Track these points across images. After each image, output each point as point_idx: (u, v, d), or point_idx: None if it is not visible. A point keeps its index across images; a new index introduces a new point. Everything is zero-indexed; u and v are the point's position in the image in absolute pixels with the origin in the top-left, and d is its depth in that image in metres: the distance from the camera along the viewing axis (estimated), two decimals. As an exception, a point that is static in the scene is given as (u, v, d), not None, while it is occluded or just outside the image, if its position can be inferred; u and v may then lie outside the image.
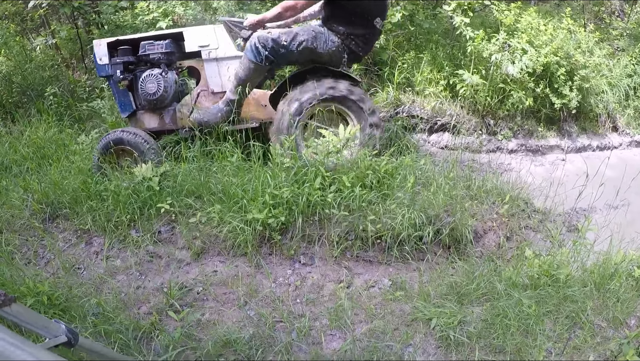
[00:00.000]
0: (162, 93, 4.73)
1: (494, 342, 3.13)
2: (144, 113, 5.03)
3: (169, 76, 4.77)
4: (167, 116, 4.97)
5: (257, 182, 4.07)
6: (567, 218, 5.03)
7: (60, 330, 1.34)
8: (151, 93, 4.72)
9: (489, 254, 4.06)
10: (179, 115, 4.93)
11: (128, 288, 3.73)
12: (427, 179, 4.42)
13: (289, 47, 4.47)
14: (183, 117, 4.91)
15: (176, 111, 4.94)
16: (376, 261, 4.01)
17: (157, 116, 5.00)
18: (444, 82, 6.42)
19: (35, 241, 4.32)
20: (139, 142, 4.68)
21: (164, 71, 4.75)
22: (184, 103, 4.95)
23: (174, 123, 4.97)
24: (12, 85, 7.27)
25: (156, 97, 4.74)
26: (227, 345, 3.13)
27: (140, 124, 5.04)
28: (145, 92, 4.73)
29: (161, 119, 5.00)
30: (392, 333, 3.21)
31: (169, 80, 4.77)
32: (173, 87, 4.83)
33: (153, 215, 4.27)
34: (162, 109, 4.94)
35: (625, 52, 8.57)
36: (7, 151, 5.58)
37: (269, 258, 3.98)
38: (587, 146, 7.33)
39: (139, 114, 5.05)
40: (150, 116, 5.02)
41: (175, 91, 4.90)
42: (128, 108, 5.00)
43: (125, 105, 5.00)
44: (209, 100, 4.96)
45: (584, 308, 3.37)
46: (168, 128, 5.00)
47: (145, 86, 4.71)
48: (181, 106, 4.94)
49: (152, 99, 4.75)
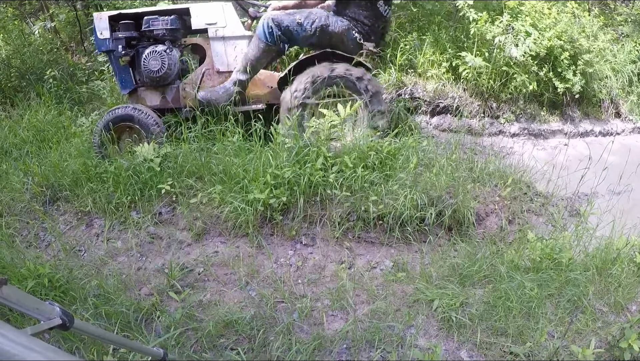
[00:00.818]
0: (165, 71, 4.65)
1: (496, 324, 3.12)
2: (145, 90, 4.95)
3: (173, 53, 4.69)
4: (170, 94, 4.89)
5: (258, 162, 4.04)
6: (570, 203, 5.01)
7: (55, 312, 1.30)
8: (154, 70, 4.64)
9: (490, 236, 4.04)
10: (182, 94, 4.85)
11: (129, 269, 3.72)
12: (429, 160, 4.40)
13: (304, 25, 4.43)
14: (186, 96, 4.83)
15: (179, 89, 4.86)
16: (378, 242, 3.99)
17: (158, 93, 4.92)
18: (446, 64, 6.35)
19: (35, 224, 4.30)
20: (150, 123, 4.64)
21: (169, 47, 4.67)
22: (187, 82, 4.87)
23: (177, 102, 4.90)
24: (10, 69, 7.21)
25: (160, 75, 4.67)
26: (228, 326, 3.12)
27: (141, 101, 4.95)
28: (149, 70, 4.65)
29: (163, 97, 4.92)
30: (393, 314, 3.20)
31: (173, 57, 4.69)
32: (177, 65, 4.76)
33: (154, 196, 4.25)
34: (165, 87, 4.86)
35: (629, 38, 8.48)
36: (7, 135, 5.55)
37: (270, 239, 3.97)
38: (589, 131, 7.28)
39: (140, 91, 4.96)
40: (152, 94, 4.93)
41: (179, 69, 4.83)
42: (129, 85, 4.91)
43: (126, 82, 4.90)
44: (213, 79, 4.89)
45: (586, 292, 3.36)
46: (170, 107, 4.92)
47: (149, 62, 4.63)
48: (184, 84, 4.86)
49: (155, 76, 4.68)
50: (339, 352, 2.97)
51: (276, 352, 2.90)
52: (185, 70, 5.02)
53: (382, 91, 4.86)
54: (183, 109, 4.85)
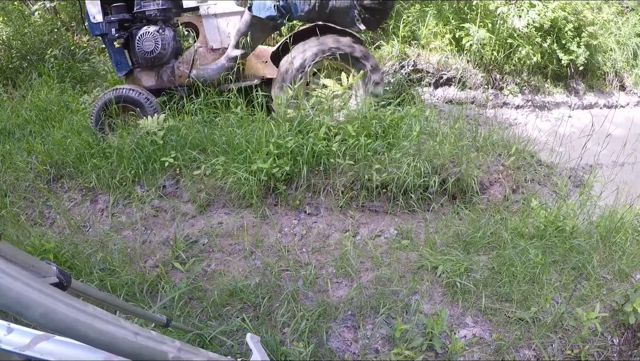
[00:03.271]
0: (160, 51, 4.64)
1: (500, 290, 3.12)
2: (140, 71, 4.95)
3: (166, 33, 4.67)
4: (165, 74, 4.89)
5: (261, 132, 4.03)
6: (573, 173, 4.99)
7: (51, 271, 1.24)
8: (149, 51, 4.64)
9: (494, 204, 4.03)
10: (178, 72, 4.85)
11: (134, 242, 3.73)
12: (432, 129, 4.37)
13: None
14: (182, 75, 4.83)
15: (175, 68, 4.85)
16: (382, 211, 3.99)
17: (154, 73, 4.92)
18: (449, 35, 6.29)
19: (40, 202, 4.31)
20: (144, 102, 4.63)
21: (161, 27, 4.64)
22: (182, 60, 4.86)
23: (172, 81, 4.90)
24: (11, 50, 7.17)
25: (154, 55, 4.66)
26: (233, 294, 3.13)
27: (137, 82, 4.95)
28: (143, 51, 4.64)
29: (158, 77, 4.92)
30: (398, 281, 3.21)
31: (167, 37, 4.67)
32: (171, 45, 4.74)
33: (157, 170, 4.25)
34: (160, 66, 4.86)
35: (634, 11, 8.38)
36: (10, 116, 5.54)
37: (274, 209, 3.97)
38: (593, 104, 7.23)
39: (135, 72, 4.96)
40: (148, 74, 4.94)
41: (174, 48, 4.81)
42: (124, 67, 4.92)
43: (121, 64, 4.92)
44: (207, 57, 4.88)
45: (590, 260, 3.35)
46: (166, 86, 4.92)
47: (143, 44, 4.62)
48: (179, 63, 4.85)
49: (150, 57, 4.67)
50: (343, 318, 2.98)
51: (281, 319, 2.91)
52: (180, 49, 5.00)
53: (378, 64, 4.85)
54: (179, 88, 4.85)
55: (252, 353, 1.09)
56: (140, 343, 0.81)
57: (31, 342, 0.93)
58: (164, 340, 0.87)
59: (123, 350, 0.79)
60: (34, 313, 0.68)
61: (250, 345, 1.13)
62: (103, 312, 0.78)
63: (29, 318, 0.68)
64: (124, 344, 0.78)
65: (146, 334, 0.83)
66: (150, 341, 0.83)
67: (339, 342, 2.84)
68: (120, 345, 0.78)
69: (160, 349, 0.85)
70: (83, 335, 0.73)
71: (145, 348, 0.81)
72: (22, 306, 0.67)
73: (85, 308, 0.74)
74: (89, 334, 0.74)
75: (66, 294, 0.74)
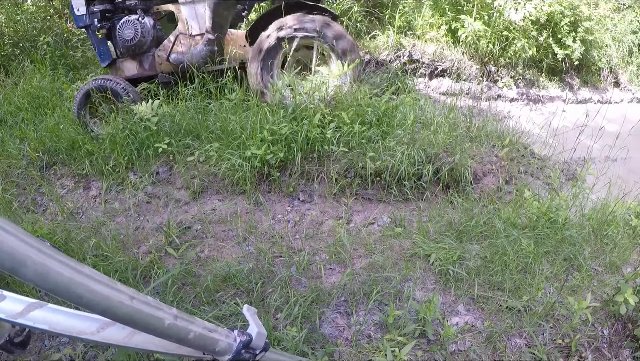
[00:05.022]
0: (139, 38, 4.72)
1: (493, 278, 3.13)
2: (123, 61, 5.02)
3: (145, 21, 4.74)
4: (146, 62, 4.96)
5: (255, 118, 4.01)
6: (566, 166, 5.01)
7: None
8: (128, 39, 4.72)
9: (487, 194, 4.04)
10: (158, 60, 4.91)
11: (127, 229, 3.71)
12: (427, 118, 4.38)
13: None
14: (162, 62, 4.90)
15: (155, 56, 4.91)
16: (375, 199, 3.99)
17: (136, 62, 5.00)
18: (445, 27, 6.29)
19: (33, 188, 4.28)
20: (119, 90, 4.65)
21: (140, 16, 4.72)
22: (162, 48, 4.91)
23: (153, 68, 4.97)
24: (3, 37, 7.11)
25: (134, 43, 4.74)
26: (226, 280, 3.12)
27: (120, 72, 5.03)
28: (123, 39, 4.73)
29: (140, 65, 4.98)
30: (391, 268, 3.21)
31: (146, 25, 4.75)
32: (151, 33, 4.80)
33: (151, 156, 4.23)
34: (141, 55, 4.93)
35: (630, 8, 8.40)
36: (2, 104, 5.51)
37: (268, 196, 3.96)
38: (587, 99, 7.26)
39: (118, 62, 5.03)
40: (130, 63, 5.01)
41: (154, 37, 4.86)
42: (107, 57, 4.99)
43: (105, 54, 4.99)
44: (188, 43, 4.92)
45: (581, 251, 3.38)
46: (147, 74, 5.00)
47: (123, 32, 4.71)
48: (159, 51, 4.90)
49: (129, 45, 4.76)
50: (336, 304, 2.98)
51: (274, 304, 2.91)
52: (161, 37, 5.04)
53: (346, 35, 4.77)
54: (160, 75, 4.92)
55: (249, 325, 1.09)
56: (135, 308, 0.79)
57: (24, 310, 0.91)
58: (161, 306, 0.86)
59: (118, 314, 0.78)
60: (29, 271, 0.67)
61: (247, 316, 1.12)
62: (99, 274, 0.77)
63: (23, 276, 0.67)
64: (120, 307, 0.77)
65: (142, 299, 0.82)
66: (146, 306, 0.82)
67: (332, 328, 2.84)
68: (116, 309, 0.77)
69: (157, 315, 0.84)
70: (77, 296, 0.72)
71: (141, 313, 0.80)
72: (17, 262, 0.66)
73: (82, 269, 0.73)
74: (84, 295, 0.72)
75: (63, 253, 0.73)
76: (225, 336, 1.02)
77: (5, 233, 0.65)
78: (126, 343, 0.93)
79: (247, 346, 1.04)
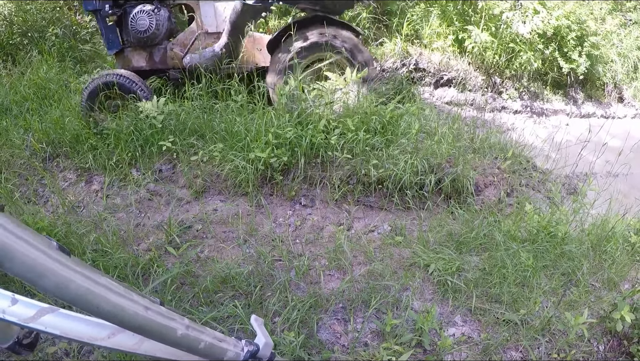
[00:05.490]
0: (154, 30, 4.57)
1: (491, 291, 3.15)
2: (132, 51, 4.83)
3: (161, 12, 4.59)
4: (157, 55, 4.79)
5: (260, 121, 4.02)
6: (567, 180, 5.03)
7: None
8: (142, 30, 4.55)
9: (488, 206, 4.06)
10: (170, 54, 4.75)
11: (128, 225, 3.71)
12: (431, 128, 4.39)
13: None
14: (174, 58, 4.74)
15: (167, 50, 4.75)
16: (377, 207, 4.00)
17: (146, 54, 4.81)
18: (452, 37, 6.31)
19: (35, 180, 4.28)
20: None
21: (157, 7, 4.56)
22: (175, 42, 4.76)
23: (164, 63, 4.80)
24: (12, 26, 7.11)
25: (147, 35, 4.58)
26: (225, 281, 3.13)
27: (127, 62, 4.85)
28: (136, 29, 4.56)
29: (150, 57, 4.81)
30: (390, 276, 3.22)
31: (161, 17, 4.59)
32: (165, 25, 4.65)
33: (154, 153, 4.24)
34: (152, 47, 4.76)
35: (637, 24, 8.43)
36: (8, 92, 5.49)
37: (270, 198, 3.97)
38: (591, 113, 7.29)
39: (126, 51, 4.84)
40: (139, 54, 4.82)
41: (168, 29, 4.71)
42: (115, 45, 4.79)
43: (113, 42, 4.78)
44: (202, 41, 4.80)
45: (580, 267, 3.39)
46: (157, 68, 4.83)
47: (136, 22, 4.54)
48: (173, 44, 4.75)
49: (142, 36, 4.59)
50: (334, 311, 2.99)
51: (273, 307, 2.92)
52: (174, 30, 4.89)
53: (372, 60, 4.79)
54: (171, 71, 4.76)
55: (257, 335, 1.10)
56: (150, 318, 0.81)
57: (36, 314, 0.92)
58: (173, 316, 0.88)
59: (133, 324, 0.79)
60: (49, 282, 0.68)
61: (255, 327, 1.14)
62: (115, 284, 0.78)
63: (42, 287, 0.68)
64: (135, 318, 0.79)
65: (156, 309, 0.83)
66: (159, 316, 0.83)
67: (329, 334, 2.85)
68: (131, 319, 0.78)
69: (170, 325, 0.85)
70: (95, 307, 0.74)
71: (155, 323, 0.82)
72: (37, 274, 0.67)
73: (99, 279, 0.75)
74: (101, 306, 0.74)
75: (80, 262, 0.74)
76: (234, 345, 1.03)
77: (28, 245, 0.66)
78: (136, 350, 0.94)
79: (254, 356, 1.06)
